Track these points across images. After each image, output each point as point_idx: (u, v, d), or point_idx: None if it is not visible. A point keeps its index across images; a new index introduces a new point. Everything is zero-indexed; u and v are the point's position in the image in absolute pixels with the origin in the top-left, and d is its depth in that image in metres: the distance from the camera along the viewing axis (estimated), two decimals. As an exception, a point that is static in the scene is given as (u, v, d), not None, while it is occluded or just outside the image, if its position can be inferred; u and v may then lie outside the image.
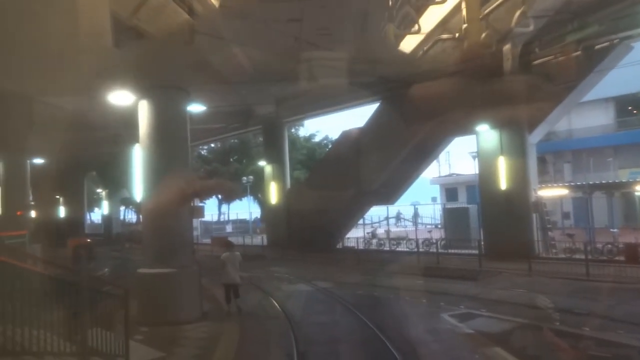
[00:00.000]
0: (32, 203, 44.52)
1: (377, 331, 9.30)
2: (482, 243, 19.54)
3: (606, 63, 18.54)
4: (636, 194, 22.35)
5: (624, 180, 26.67)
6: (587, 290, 12.96)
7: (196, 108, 15.90)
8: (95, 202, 61.81)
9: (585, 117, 34.66)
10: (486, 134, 20.18)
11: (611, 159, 33.70)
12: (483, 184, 20.83)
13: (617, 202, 27.55)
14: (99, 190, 53.98)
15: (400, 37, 14.87)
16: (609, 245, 17.60)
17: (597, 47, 16.71)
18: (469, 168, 47.80)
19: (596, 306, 10.88)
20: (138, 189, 12.69)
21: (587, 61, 17.56)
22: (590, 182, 22.31)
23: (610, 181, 25.15)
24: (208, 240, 33.46)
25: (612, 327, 9.09)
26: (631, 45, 18.29)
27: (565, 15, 15.80)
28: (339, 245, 26.57)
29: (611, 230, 21.21)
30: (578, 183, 25.03)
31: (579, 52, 16.77)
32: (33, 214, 42.59)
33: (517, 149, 19.41)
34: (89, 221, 59.29)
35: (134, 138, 12.62)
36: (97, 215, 65.15)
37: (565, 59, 17.32)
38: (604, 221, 25.14)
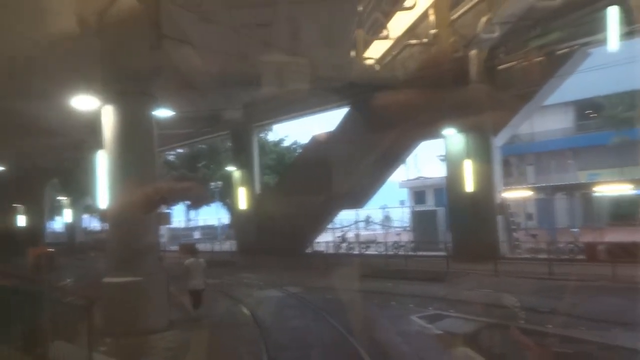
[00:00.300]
0: (-11, 212, 42.96)
1: (347, 335, 9.32)
2: (450, 245, 19.87)
3: (566, 68, 19.23)
4: (595, 194, 23.16)
5: (583, 182, 27.64)
6: (550, 288, 13.33)
7: (163, 113, 15.67)
8: (57, 210, 59.97)
9: (546, 120, 35.79)
10: (453, 138, 20.57)
11: (571, 161, 34.89)
12: (450, 186, 21.21)
13: (577, 202, 28.51)
14: (61, 197, 52.38)
15: (369, 42, 15.04)
16: (571, 245, 18.18)
17: (558, 52, 17.27)
18: (437, 171, 48.55)
19: (559, 304, 11.19)
20: (103, 196, 12.35)
21: (548, 66, 18.14)
22: (552, 184, 23.03)
23: (570, 183, 26.04)
24: (176, 247, 32.88)
25: (575, 324, 9.38)
26: (589, 52, 19.01)
27: (528, 22, 16.29)
28: (309, 250, 26.56)
29: (572, 230, 21.91)
30: (540, 185, 25.82)
31: (541, 58, 17.30)
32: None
33: (482, 152, 19.85)
34: (50, 230, 57.47)
35: (99, 144, 12.30)
36: (59, 223, 63.23)
37: (528, 64, 17.84)
38: (566, 221, 25.96)
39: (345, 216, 32.55)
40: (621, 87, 31.54)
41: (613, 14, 14.68)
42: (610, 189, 22.68)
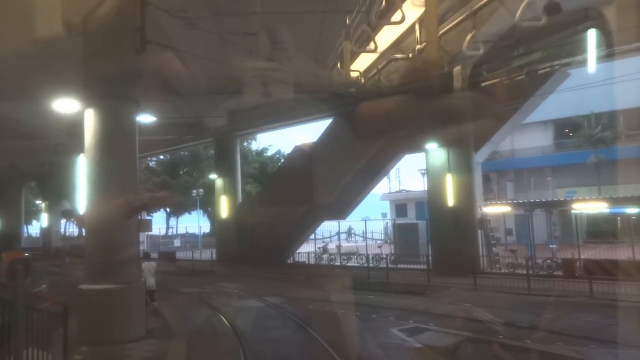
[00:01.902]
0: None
1: (327, 347, 9.26)
2: (430, 258, 19.98)
3: (547, 87, 19.68)
4: (572, 212, 23.59)
5: (561, 199, 28.11)
6: (528, 304, 13.47)
7: (146, 118, 15.53)
8: (33, 214, 58.74)
9: (526, 138, 36.49)
10: (435, 152, 20.78)
11: (550, 178, 35.52)
12: (432, 200, 21.37)
13: (555, 219, 28.96)
14: (38, 201, 51.35)
15: (356, 55, 15.17)
16: (549, 261, 18.44)
17: (539, 72, 17.66)
18: (419, 185, 49.04)
19: (537, 319, 11.31)
20: (81, 201, 12.15)
21: (529, 85, 18.53)
22: (531, 200, 23.36)
23: (549, 199, 26.45)
24: (155, 255, 32.42)
25: (552, 339, 9.48)
26: (569, 72, 19.49)
27: (509, 42, 16.64)
28: (290, 260, 26.43)
29: (550, 246, 22.23)
30: (520, 201, 26.16)
31: (522, 76, 17.65)
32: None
33: (463, 167, 20.08)
34: (26, 234, 56.21)
35: (78, 148, 12.14)
36: (35, 228, 61.91)
37: (510, 82, 18.20)
38: (544, 237, 26.33)
39: (327, 227, 32.58)
40: (599, 107, 32.40)
41: (591, 36, 15.12)
42: (588, 206, 23.11)
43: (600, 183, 31.53)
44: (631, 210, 22.96)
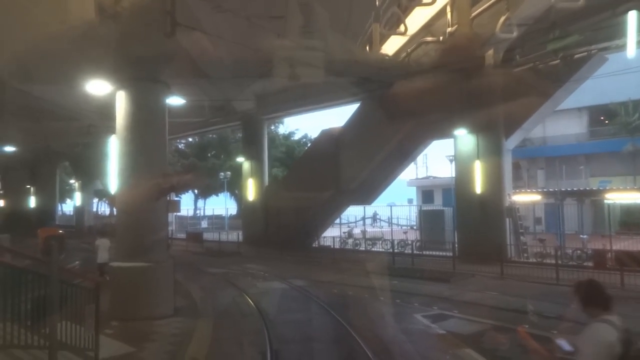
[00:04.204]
0: (1, 192, 43.48)
1: (351, 330, 9.34)
2: (456, 245, 19.80)
3: (582, 73, 19.02)
4: (605, 202, 22.96)
5: (594, 188, 27.39)
6: (556, 294, 13.23)
7: (175, 101, 15.70)
8: (67, 193, 60.53)
9: (559, 125, 35.47)
10: (464, 138, 20.44)
11: (583, 167, 34.58)
12: (459, 187, 21.10)
13: (587, 209, 28.24)
14: (71, 181, 52.85)
15: (385, 38, 14.94)
16: (579, 251, 18.04)
17: (575, 56, 17.07)
18: (446, 171, 48.42)
19: (565, 310, 11.11)
20: (113, 181, 12.46)
21: (564, 70, 17.93)
22: (562, 189, 22.83)
23: (581, 189, 25.81)
24: (183, 236, 33.09)
25: (579, 330, 9.30)
26: (606, 57, 18.78)
27: (544, 24, 16.10)
28: (315, 244, 26.59)
29: (581, 236, 21.73)
30: (550, 189, 25.60)
31: (557, 61, 17.09)
32: (2, 203, 41.62)
33: (493, 154, 19.71)
34: (60, 212, 58.02)
35: (110, 129, 12.41)
36: (69, 206, 63.81)
37: (544, 67, 17.66)
38: (574, 227, 25.74)
39: (352, 212, 32.58)
40: (637, 94, 31.18)
41: (632, 19, 14.47)
42: (621, 196, 22.45)
43: (635, 173, 30.52)
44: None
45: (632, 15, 14.40)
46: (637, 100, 32.16)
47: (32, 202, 44.37)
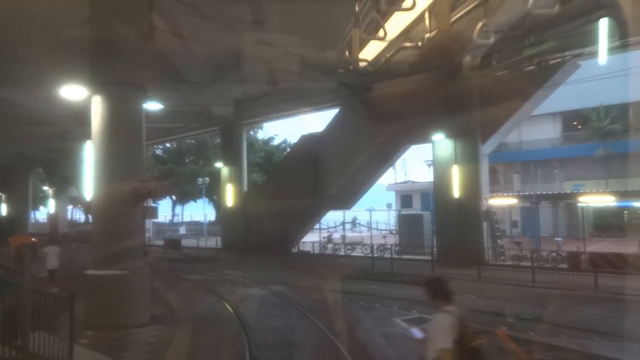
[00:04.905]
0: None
1: (330, 335, 9.31)
2: (435, 249, 19.96)
3: (556, 79, 19.44)
4: (579, 205, 23.47)
5: (568, 192, 27.99)
6: (533, 296, 13.45)
7: (153, 106, 15.52)
8: (41, 200, 59.20)
9: (534, 130, 36.21)
10: (442, 143, 20.67)
11: (557, 171, 35.33)
12: (437, 191, 21.30)
13: (561, 212, 28.85)
14: (45, 188, 51.69)
15: (365, 43, 14.99)
16: (554, 254, 18.38)
17: (549, 63, 17.42)
18: (424, 176, 48.94)
19: (541, 312, 11.30)
20: (88, 188, 12.22)
21: (539, 76, 18.28)
22: (538, 193, 23.25)
23: (555, 192, 26.33)
24: (161, 242, 32.65)
25: (556, 331, 9.47)
26: (579, 64, 19.24)
27: (519, 31, 16.39)
28: (295, 249, 26.52)
29: (556, 239, 22.16)
30: (526, 193, 26.06)
31: (533, 67, 17.42)
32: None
33: (470, 159, 19.97)
34: (33, 220, 56.67)
35: (85, 135, 12.17)
36: (42, 214, 62.41)
37: (520, 73, 17.97)
38: (550, 230, 26.26)
39: (332, 217, 32.62)
40: (608, 100, 32.05)
41: (603, 26, 14.84)
42: (594, 200, 22.97)
43: (608, 176, 31.31)
44: (638, 203, 22.83)
45: (603, 22, 14.77)
46: (608, 106, 33.06)
47: (3, 209, 43.24)
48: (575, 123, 37.17)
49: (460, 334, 3.82)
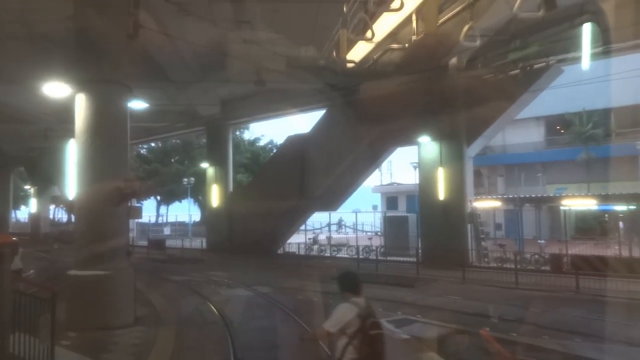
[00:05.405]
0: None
1: (316, 337, 9.28)
2: (420, 251, 20.07)
3: (540, 83, 19.69)
4: (561, 208, 23.78)
5: (551, 195, 28.36)
6: (516, 297, 13.59)
7: (138, 105, 15.37)
8: (22, 199, 58.19)
9: (518, 133, 36.64)
10: (427, 146, 20.79)
11: (540, 174, 35.79)
12: (422, 193, 21.40)
13: (544, 215, 29.21)
14: (27, 187, 50.81)
15: (352, 44, 15.04)
16: (537, 256, 18.60)
17: (534, 67, 17.63)
18: (410, 178, 49.19)
19: (524, 313, 11.43)
20: (71, 187, 12.03)
21: (524, 80, 18.50)
22: (521, 196, 23.52)
23: (538, 195, 26.66)
24: (145, 243, 32.30)
25: (538, 332, 9.59)
26: (562, 69, 19.52)
27: (505, 35, 16.58)
28: (280, 251, 26.45)
29: (539, 241, 22.42)
30: (510, 196, 26.34)
31: (517, 71, 17.62)
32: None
33: (455, 161, 20.12)
34: (14, 220, 55.68)
35: (68, 133, 12.00)
36: (24, 213, 61.34)
37: (504, 77, 18.17)
38: (533, 232, 26.57)
39: (317, 218, 32.62)
40: (591, 104, 32.58)
41: (586, 31, 15.07)
42: (576, 203, 23.30)
43: (590, 180, 31.80)
44: (619, 207, 23.21)
45: (586, 27, 15.00)
46: (590, 111, 33.60)
47: (-17, 208, 42.41)
48: (558, 127, 37.70)
49: (362, 323, 4.18)
